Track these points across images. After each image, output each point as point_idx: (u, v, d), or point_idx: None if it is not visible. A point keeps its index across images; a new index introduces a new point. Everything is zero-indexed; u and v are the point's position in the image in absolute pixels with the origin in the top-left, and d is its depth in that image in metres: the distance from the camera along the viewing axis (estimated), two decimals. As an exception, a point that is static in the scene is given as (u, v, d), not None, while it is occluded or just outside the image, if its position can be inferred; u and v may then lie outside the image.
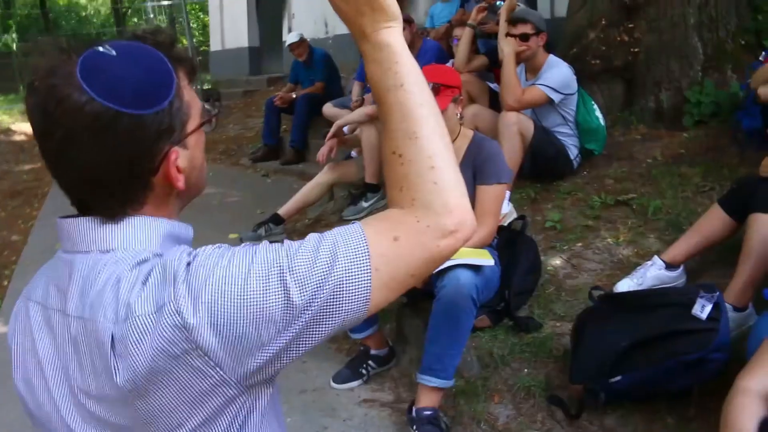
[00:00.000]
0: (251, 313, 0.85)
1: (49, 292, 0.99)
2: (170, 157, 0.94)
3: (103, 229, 0.94)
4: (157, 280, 0.88)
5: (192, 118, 0.98)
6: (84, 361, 0.93)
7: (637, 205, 3.73)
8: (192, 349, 0.85)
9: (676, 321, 2.35)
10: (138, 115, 0.89)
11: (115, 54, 0.91)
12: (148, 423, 0.91)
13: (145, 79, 0.91)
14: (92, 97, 0.87)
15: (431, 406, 2.53)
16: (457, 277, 2.48)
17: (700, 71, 4.57)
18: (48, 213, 6.23)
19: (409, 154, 0.94)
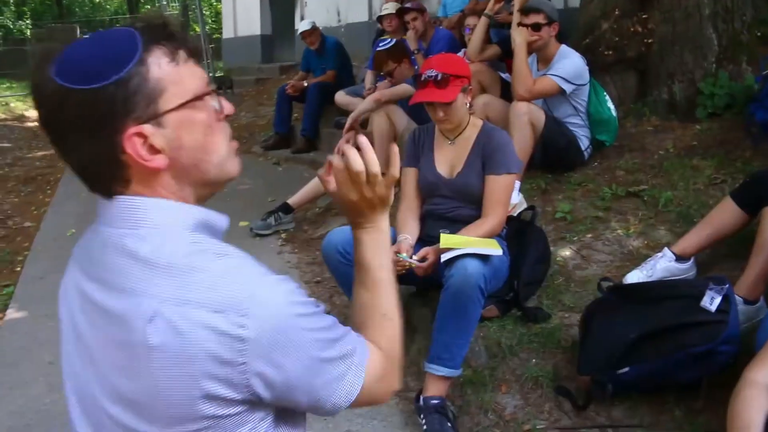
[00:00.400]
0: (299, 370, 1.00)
1: (87, 259, 1.06)
2: (129, 131, 0.96)
3: (133, 208, 1.00)
4: (219, 279, 0.95)
5: (168, 96, 0.98)
6: (114, 335, 0.98)
7: (648, 197, 3.71)
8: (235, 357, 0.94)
9: (685, 313, 2.34)
10: (84, 90, 0.93)
11: (88, 38, 0.99)
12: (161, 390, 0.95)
13: (97, 56, 0.95)
14: (52, 78, 0.94)
15: (439, 395, 2.54)
16: (465, 266, 2.48)
17: (714, 63, 4.53)
18: (61, 199, 6.26)
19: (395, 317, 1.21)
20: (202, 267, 0.95)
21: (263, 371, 0.96)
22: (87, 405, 1.08)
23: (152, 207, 1.01)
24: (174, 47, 1.00)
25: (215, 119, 1.05)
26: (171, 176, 1.02)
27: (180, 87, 1.00)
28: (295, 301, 1.00)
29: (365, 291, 1.21)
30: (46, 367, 3.22)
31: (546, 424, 2.49)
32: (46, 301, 3.96)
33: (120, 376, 0.98)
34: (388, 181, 1.20)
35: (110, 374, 1.00)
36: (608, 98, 4.20)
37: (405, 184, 3.04)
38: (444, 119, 2.84)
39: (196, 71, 1.03)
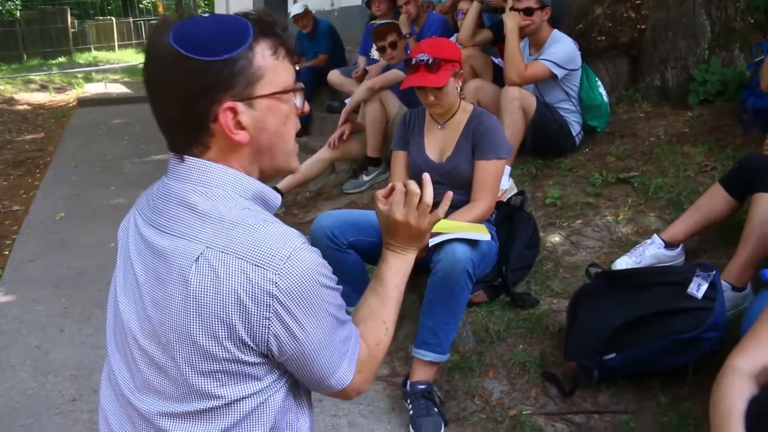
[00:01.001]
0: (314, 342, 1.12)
1: (149, 207, 1.18)
2: (225, 104, 1.09)
3: (201, 168, 1.12)
4: (264, 238, 1.07)
5: (264, 83, 1.12)
6: (159, 270, 1.10)
7: (638, 183, 3.70)
8: (262, 310, 1.05)
9: (672, 300, 2.34)
10: (198, 60, 1.06)
11: (207, 17, 1.12)
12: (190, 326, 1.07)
13: (214, 35, 1.09)
14: (169, 43, 1.06)
15: (426, 380, 2.54)
16: (453, 251, 2.47)
17: (707, 49, 4.51)
18: (49, 183, 6.22)
19: (391, 330, 1.35)
20: (250, 225, 1.08)
21: (282, 330, 1.07)
22: (122, 338, 1.19)
23: (219, 171, 1.12)
24: (277, 43, 1.14)
25: (294, 114, 1.20)
26: (247, 153, 1.15)
27: (275, 77, 1.13)
28: (324, 273, 1.12)
29: (375, 298, 1.35)
30: (33, 351, 3.21)
31: (532, 410, 2.49)
32: (35, 284, 3.94)
33: (156, 310, 1.10)
34: (432, 219, 1.37)
35: (149, 307, 1.11)
36: (600, 84, 4.18)
37: (394, 167, 3.02)
38: (435, 104, 2.82)
39: (289, 68, 1.17)
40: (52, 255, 4.43)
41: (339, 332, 1.17)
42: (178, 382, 1.10)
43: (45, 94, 11.95)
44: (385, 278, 1.37)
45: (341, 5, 10.12)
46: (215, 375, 1.09)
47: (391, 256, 1.40)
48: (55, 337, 3.34)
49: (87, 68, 15.52)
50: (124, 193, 5.65)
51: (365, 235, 2.82)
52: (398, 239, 1.39)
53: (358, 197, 4.72)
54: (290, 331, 1.08)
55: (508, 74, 3.96)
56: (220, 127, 1.10)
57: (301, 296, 1.07)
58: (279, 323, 1.07)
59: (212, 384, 1.09)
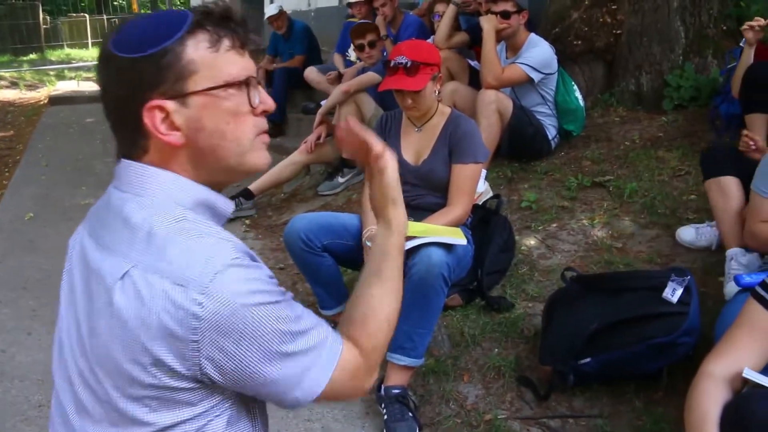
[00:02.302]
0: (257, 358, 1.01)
1: (95, 217, 1.12)
2: (154, 106, 1.02)
3: (139, 174, 1.05)
4: (191, 256, 0.98)
5: (198, 78, 1.03)
6: (92, 288, 1.04)
7: (613, 187, 3.72)
8: (192, 341, 0.96)
9: (647, 304, 2.35)
10: (123, 58, 1.01)
11: (150, 14, 1.11)
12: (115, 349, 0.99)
13: (145, 31, 1.03)
14: (107, 44, 1.04)
15: (400, 384, 2.52)
16: (428, 255, 2.45)
17: (681, 55, 4.56)
18: (18, 182, 6.10)
19: (393, 325, 1.22)
20: (178, 242, 0.99)
21: (215, 353, 0.97)
22: (64, 356, 1.12)
23: (156, 176, 1.05)
24: (219, 34, 1.04)
25: (247, 111, 1.08)
26: (187, 155, 1.06)
27: (213, 72, 1.03)
28: (260, 289, 1.00)
29: (379, 287, 1.22)
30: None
31: (507, 414, 2.48)
32: (1, 286, 3.85)
33: (88, 329, 1.03)
34: None
35: (83, 325, 1.05)
36: (576, 88, 4.21)
37: None
38: (412, 107, 2.80)
39: (237, 61, 1.06)
40: (20, 256, 4.33)
41: (295, 345, 1.03)
42: (107, 406, 1.03)
43: (15, 92, 11.76)
44: (390, 247, 1.25)
45: (318, 6, 10.09)
46: (143, 401, 1.00)
47: (397, 225, 1.27)
48: (22, 340, 3.26)
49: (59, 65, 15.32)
50: (95, 193, 5.52)
51: (339, 238, 2.80)
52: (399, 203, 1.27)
53: (333, 199, 4.69)
54: (226, 353, 0.98)
55: (485, 77, 3.96)
56: (150, 129, 1.03)
57: (231, 317, 0.96)
58: (210, 346, 0.97)
59: (141, 410, 1.01)
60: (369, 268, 1.25)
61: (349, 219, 2.93)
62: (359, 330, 1.17)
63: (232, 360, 0.98)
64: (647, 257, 3.14)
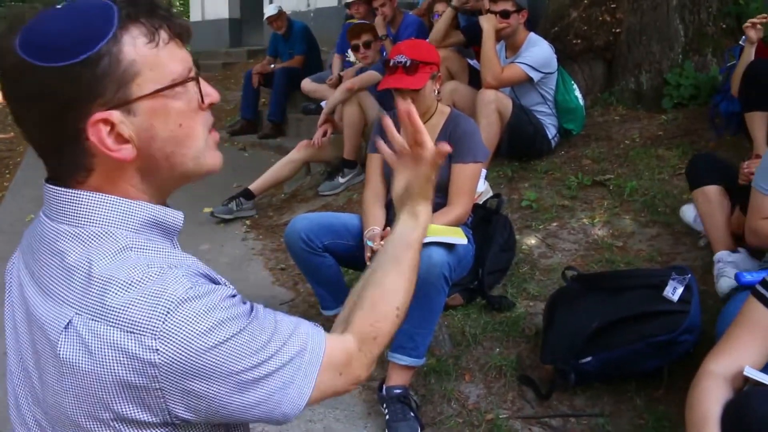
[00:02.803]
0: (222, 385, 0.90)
1: (29, 247, 0.98)
2: (93, 117, 0.87)
3: (74, 202, 0.91)
4: (137, 295, 0.86)
5: (142, 81, 0.89)
6: (35, 337, 0.92)
7: (613, 186, 3.72)
8: (155, 389, 0.86)
9: (648, 303, 2.35)
10: (49, 68, 0.84)
11: (61, 8, 0.88)
12: (69, 406, 0.89)
13: (67, 31, 0.85)
14: (15, 52, 0.85)
15: (402, 384, 2.52)
16: (429, 255, 2.45)
17: (681, 54, 4.56)
18: (19, 184, 6.10)
19: (401, 318, 1.15)
20: (121, 280, 0.86)
21: (182, 397, 0.88)
22: (19, 402, 1.00)
23: (94, 203, 0.91)
24: (155, 26, 0.89)
25: (196, 108, 0.96)
26: (138, 169, 0.94)
27: (157, 72, 0.90)
28: (220, 321, 0.88)
29: (396, 274, 1.16)
30: (0, 356, 3.13)
31: (509, 413, 2.48)
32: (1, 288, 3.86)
33: (39, 381, 0.92)
34: None
35: (33, 375, 0.94)
36: (576, 87, 4.21)
37: (370, 171, 2.99)
38: None
39: (177, 54, 0.92)
40: (21, 258, 4.33)
41: (267, 366, 0.93)
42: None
43: (15, 94, 11.75)
44: (413, 239, 1.19)
45: (317, 6, 10.09)
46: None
47: (424, 220, 1.21)
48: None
49: (59, 67, 15.30)
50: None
51: (340, 238, 2.80)
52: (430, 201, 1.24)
53: (334, 199, 4.69)
54: (194, 394, 0.88)
55: (485, 77, 3.97)
56: (95, 146, 0.88)
57: (191, 359, 0.86)
58: (175, 391, 0.87)
59: None
60: (387, 255, 1.18)
61: (350, 219, 2.93)
62: (364, 316, 1.10)
63: (203, 399, 0.89)
64: (648, 256, 3.14)
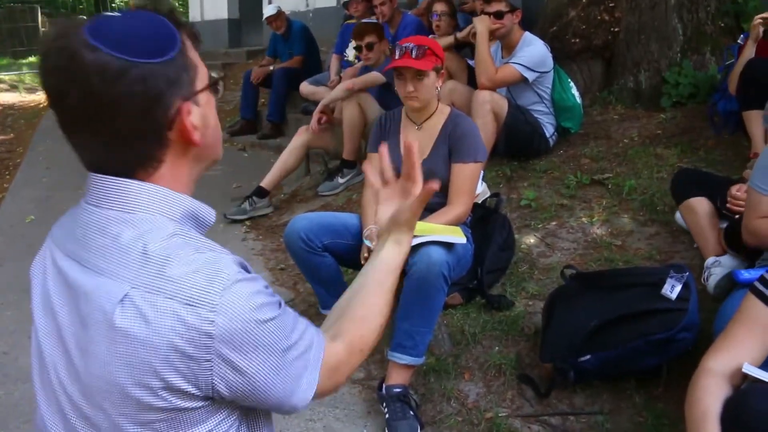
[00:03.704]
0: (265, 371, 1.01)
1: (67, 237, 1.06)
2: (183, 109, 1.00)
3: (126, 193, 1.00)
4: (194, 273, 0.95)
5: (199, 77, 1.04)
6: (83, 313, 0.98)
7: (612, 185, 3.73)
8: (200, 353, 0.95)
9: (646, 301, 2.36)
10: (146, 64, 0.95)
11: (119, 15, 0.99)
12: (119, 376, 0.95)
13: (150, 33, 0.98)
14: (101, 50, 0.92)
15: (401, 383, 2.52)
16: (428, 254, 2.46)
17: (679, 52, 4.57)
18: (19, 185, 6.11)
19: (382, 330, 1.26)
20: (180, 259, 0.96)
21: (227, 370, 0.97)
22: (51, 386, 1.06)
23: (144, 192, 1.01)
24: (192, 34, 1.05)
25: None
26: (195, 154, 1.07)
27: (202, 69, 1.05)
28: (264, 303, 1.00)
29: (380, 293, 1.27)
30: (1, 357, 3.14)
31: (508, 412, 2.49)
32: (3, 289, 3.87)
33: (82, 357, 0.98)
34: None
35: (74, 353, 0.99)
36: (572, 85, 4.21)
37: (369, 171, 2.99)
38: (413, 95, 2.80)
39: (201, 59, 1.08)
40: (21, 259, 4.33)
41: (291, 354, 1.04)
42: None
43: (15, 95, 11.76)
44: (395, 264, 1.30)
45: (316, 6, 10.09)
46: (153, 425, 0.97)
47: (407, 246, 1.33)
48: (24, 342, 3.27)
49: (58, 68, 15.27)
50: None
51: (340, 238, 2.80)
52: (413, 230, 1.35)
53: (333, 199, 4.70)
54: (237, 368, 0.97)
55: (479, 78, 3.98)
56: (177, 134, 1.01)
57: (243, 332, 0.96)
58: (223, 363, 0.96)
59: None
60: (373, 278, 1.28)
61: (350, 218, 2.94)
62: (355, 329, 1.21)
63: (243, 375, 0.98)
64: (646, 254, 3.15)
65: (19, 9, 19.37)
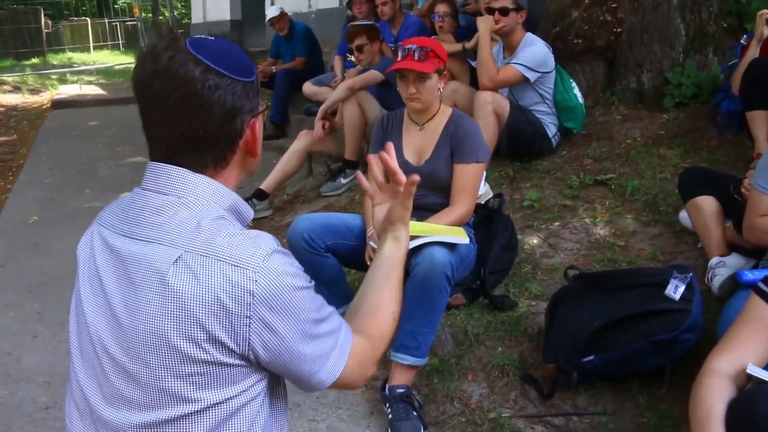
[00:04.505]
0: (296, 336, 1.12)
1: (118, 218, 1.18)
2: (256, 123, 1.20)
3: (184, 181, 1.14)
4: (241, 242, 1.09)
5: (259, 100, 1.22)
6: (136, 279, 1.10)
7: (615, 185, 3.72)
8: (242, 309, 1.06)
9: (649, 301, 2.36)
10: (240, 81, 1.14)
11: (213, 39, 1.18)
12: (168, 329, 1.07)
13: (239, 56, 1.17)
14: (207, 64, 1.11)
15: (404, 384, 2.52)
16: (431, 254, 2.46)
17: (682, 53, 4.56)
18: (22, 186, 6.12)
19: (395, 323, 1.37)
20: (228, 232, 1.11)
21: (262, 329, 1.08)
22: (90, 351, 1.17)
23: (201, 182, 1.16)
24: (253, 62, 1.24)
25: None
26: (247, 162, 1.23)
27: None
28: (298, 273, 1.14)
29: (386, 286, 1.38)
30: (4, 357, 3.14)
31: (511, 412, 2.49)
32: (6, 289, 3.87)
33: (129, 315, 1.09)
34: None
35: (121, 314, 1.11)
36: (575, 85, 4.21)
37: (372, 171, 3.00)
38: (415, 97, 2.79)
39: None
40: (24, 259, 4.35)
41: (321, 328, 1.17)
42: (151, 388, 1.09)
43: (18, 96, 11.77)
44: (398, 259, 1.42)
45: (318, 7, 10.10)
46: (191, 378, 1.08)
47: (405, 241, 1.45)
48: (27, 343, 3.27)
49: (61, 69, 15.32)
50: (99, 197, 5.57)
51: (343, 238, 2.80)
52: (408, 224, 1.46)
53: (336, 200, 4.70)
54: (272, 329, 1.09)
55: (481, 79, 3.99)
56: (244, 143, 1.19)
57: (280, 294, 1.09)
58: (260, 322, 1.08)
59: (188, 387, 1.08)
60: (378, 273, 1.40)
61: (353, 219, 2.94)
62: (368, 321, 1.33)
63: (276, 336, 1.10)
64: (650, 255, 3.15)
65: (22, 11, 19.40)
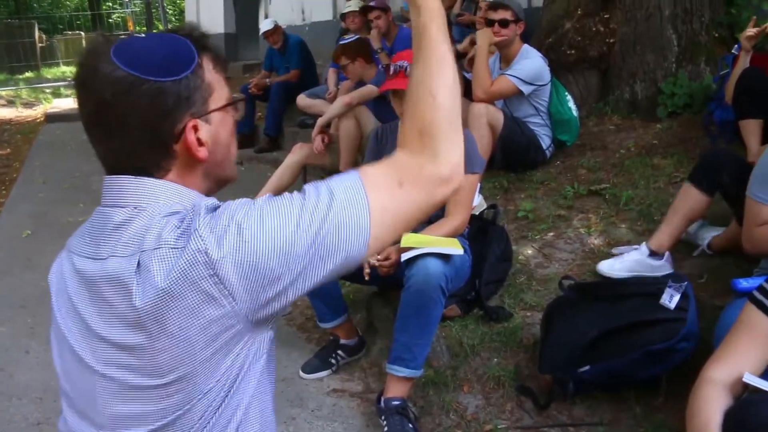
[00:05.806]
0: (269, 248, 0.98)
1: (83, 241, 1.12)
2: (188, 125, 1.08)
3: (138, 189, 1.08)
4: (187, 219, 1.02)
5: (215, 98, 1.12)
6: (109, 297, 1.03)
7: (609, 195, 3.73)
8: (210, 275, 0.97)
9: (644, 311, 2.35)
10: (157, 82, 1.04)
11: (143, 36, 1.11)
12: (160, 351, 1.00)
13: (166, 54, 1.07)
14: (118, 66, 1.03)
15: (400, 396, 2.51)
16: (426, 266, 2.45)
17: (674, 63, 4.58)
18: (15, 200, 6.10)
19: (443, 100, 1.08)
20: (178, 219, 1.03)
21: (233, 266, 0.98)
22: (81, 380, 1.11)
23: (158, 186, 1.08)
24: (215, 57, 1.14)
25: (233, 123, 1.19)
26: (202, 169, 1.13)
27: (221, 90, 1.14)
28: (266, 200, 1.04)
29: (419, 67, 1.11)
30: (-4, 372, 3.12)
31: (507, 424, 2.47)
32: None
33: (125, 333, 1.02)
34: None
35: (109, 336, 1.04)
36: (570, 98, 4.22)
37: None
38: None
39: (224, 81, 1.17)
40: (17, 274, 4.32)
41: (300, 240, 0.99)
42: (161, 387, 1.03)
43: (12, 110, 11.75)
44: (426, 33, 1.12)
45: (312, 20, 10.12)
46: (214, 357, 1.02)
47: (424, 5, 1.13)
48: (19, 358, 3.25)
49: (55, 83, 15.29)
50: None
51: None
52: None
53: (331, 211, 4.68)
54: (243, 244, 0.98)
55: (475, 91, 3.99)
56: (183, 147, 1.09)
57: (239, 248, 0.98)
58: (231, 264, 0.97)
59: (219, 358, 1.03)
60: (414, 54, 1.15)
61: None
62: (407, 124, 1.10)
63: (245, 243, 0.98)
64: (644, 264, 3.14)
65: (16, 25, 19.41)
